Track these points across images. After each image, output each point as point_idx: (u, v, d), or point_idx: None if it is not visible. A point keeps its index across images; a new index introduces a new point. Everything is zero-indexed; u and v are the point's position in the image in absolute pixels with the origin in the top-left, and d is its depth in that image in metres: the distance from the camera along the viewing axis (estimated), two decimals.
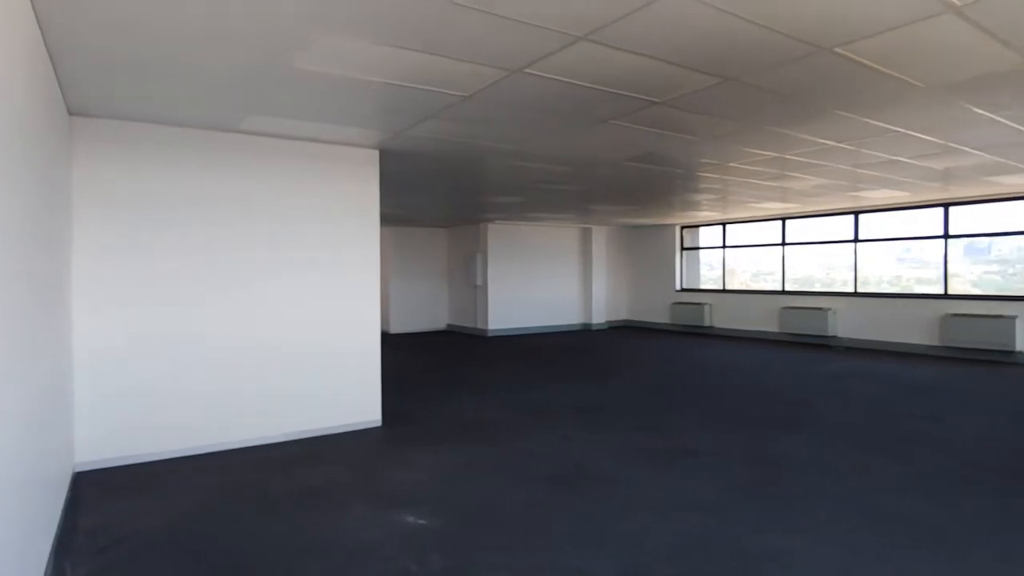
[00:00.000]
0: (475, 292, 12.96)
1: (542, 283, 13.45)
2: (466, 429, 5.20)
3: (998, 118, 4.37)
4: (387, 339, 11.87)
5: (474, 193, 8.45)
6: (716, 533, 3.11)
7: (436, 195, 8.53)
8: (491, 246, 12.69)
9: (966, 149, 5.45)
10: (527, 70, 3.36)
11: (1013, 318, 8.32)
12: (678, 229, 13.53)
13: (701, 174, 6.88)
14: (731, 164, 6.20)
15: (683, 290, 13.47)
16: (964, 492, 3.58)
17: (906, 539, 2.97)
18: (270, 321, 4.84)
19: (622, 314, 14.71)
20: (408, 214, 11.04)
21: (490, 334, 12.59)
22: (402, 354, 10.10)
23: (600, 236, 14.02)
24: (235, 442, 4.65)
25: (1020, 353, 8.30)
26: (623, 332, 13.39)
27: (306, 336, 5.01)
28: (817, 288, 11.25)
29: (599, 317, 14.01)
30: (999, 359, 8.45)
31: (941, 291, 9.37)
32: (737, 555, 2.87)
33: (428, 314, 13.77)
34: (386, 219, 11.56)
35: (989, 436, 4.79)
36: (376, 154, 5.35)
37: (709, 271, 13.37)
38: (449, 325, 14.00)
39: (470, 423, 5.39)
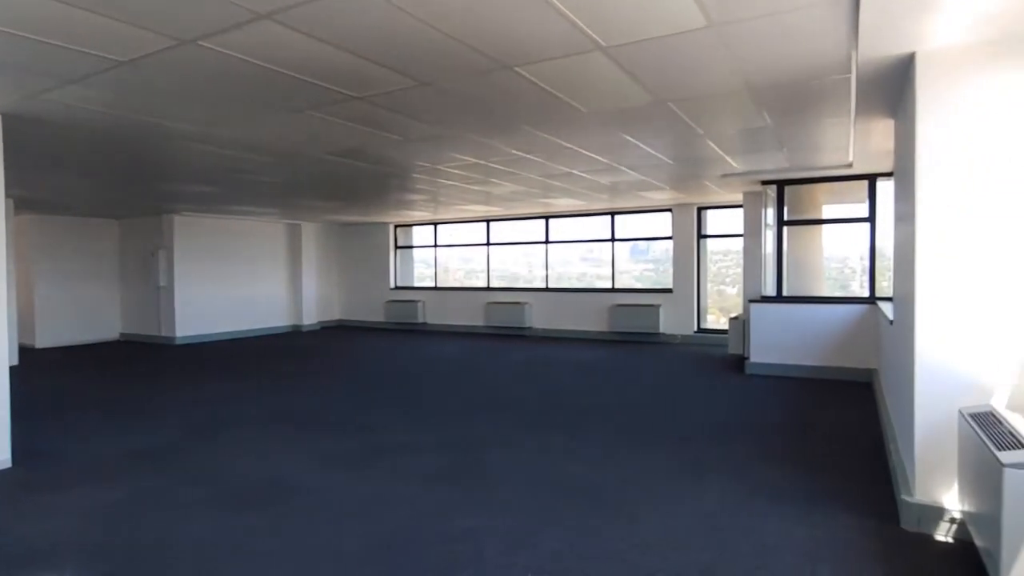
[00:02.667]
0: (158, 295, 11.06)
1: (243, 283, 12.16)
2: (135, 459, 4.31)
3: (640, 144, 5.28)
4: (31, 356, 9.39)
5: (152, 179, 7.12)
6: (412, 525, 3.14)
7: (97, 177, 6.95)
8: (178, 241, 10.97)
9: (622, 168, 6.50)
10: (202, 43, 2.86)
11: (658, 307, 10.34)
12: (392, 227, 13.59)
13: (413, 175, 6.93)
14: (440, 167, 6.36)
15: (397, 288, 13.59)
16: (633, 457, 4.22)
17: (588, 505, 3.34)
18: None
19: (335, 314, 14.20)
20: (58, 199, 8.83)
21: (179, 342, 10.90)
22: (52, 374, 8.06)
23: (310, 233, 13.29)
24: None
25: (663, 334, 10.35)
26: (336, 332, 12.94)
27: None
28: (521, 284, 12.43)
29: (310, 318, 13.29)
30: (649, 340, 10.43)
31: (610, 286, 11.19)
32: (431, 542, 2.92)
33: (93, 322, 11.30)
34: (26, 204, 9.11)
35: (648, 404, 5.80)
36: None
37: (426, 268, 13.74)
38: (123, 334, 11.72)
39: (141, 451, 4.48)
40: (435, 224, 13.11)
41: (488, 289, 12.41)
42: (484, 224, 12.45)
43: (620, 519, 3.20)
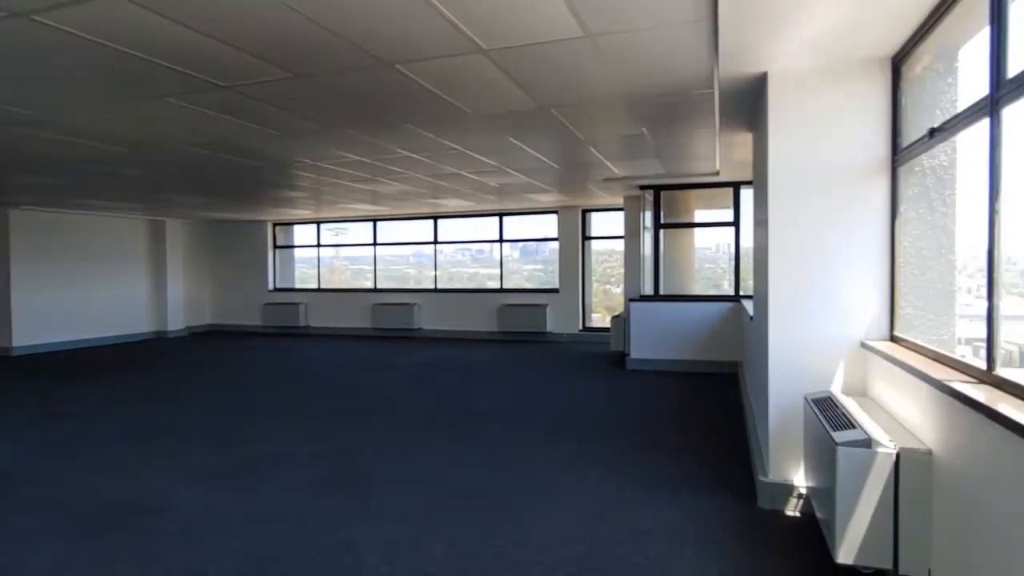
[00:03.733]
0: None
1: (98, 286, 10.97)
2: None
3: (526, 148, 5.38)
4: None
5: None
6: (287, 541, 2.97)
7: None
8: (16, 240, 9.69)
9: (510, 170, 6.60)
10: (36, 16, 2.52)
11: (545, 306, 10.60)
12: (270, 226, 12.86)
13: (292, 171, 6.58)
14: (322, 164, 6.10)
15: (276, 290, 12.89)
16: (518, 456, 4.27)
17: (472, 507, 3.34)
18: None
19: (206, 318, 13.21)
20: None
21: (17, 353, 9.63)
22: None
23: (177, 231, 12.26)
24: None
25: (550, 333, 10.63)
26: (207, 338, 12.05)
27: None
28: (412, 285, 12.22)
29: (176, 323, 12.26)
30: (537, 339, 10.67)
31: (499, 286, 11.31)
32: (308, 557, 2.78)
33: None
34: None
35: (534, 404, 5.91)
36: None
37: (309, 269, 13.13)
38: None
39: None
40: (318, 223, 12.57)
41: (375, 291, 12.10)
42: (371, 224, 12.13)
43: (503, 518, 3.23)
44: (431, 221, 11.66)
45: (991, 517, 1.79)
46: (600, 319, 11.06)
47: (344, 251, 12.98)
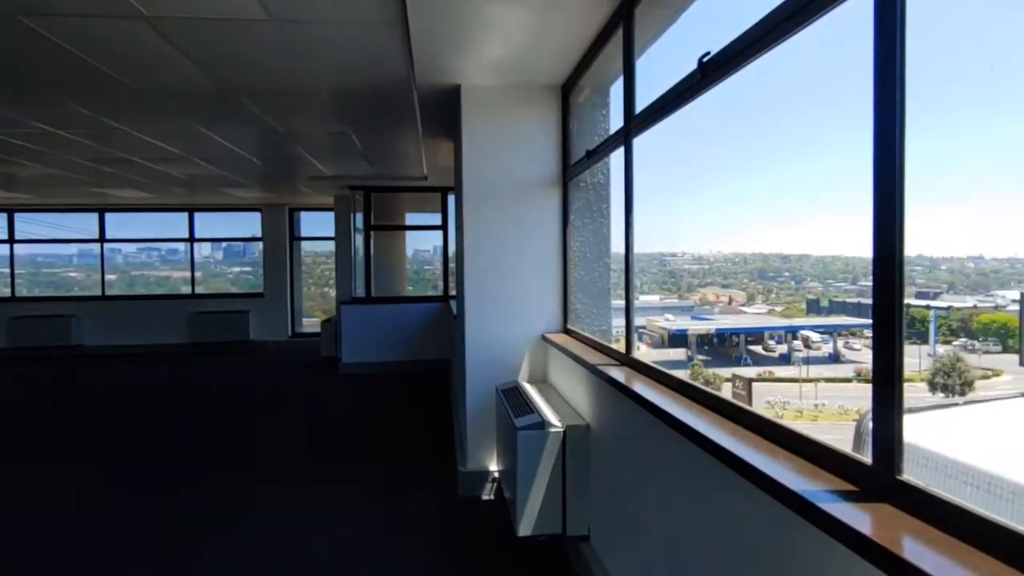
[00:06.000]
0: None
1: None
2: None
3: (214, 135, 4.80)
4: None
5: None
6: None
7: None
8: None
9: (198, 160, 5.82)
10: None
11: (248, 312, 9.67)
12: None
13: None
14: None
15: None
16: (220, 477, 3.75)
17: (165, 540, 2.81)
18: None
19: None
20: None
21: None
22: None
23: None
24: None
25: (254, 341, 9.73)
26: None
27: None
28: (76, 292, 9.92)
29: None
30: (239, 348, 9.66)
31: (191, 291, 9.94)
32: None
33: None
34: None
35: (232, 420, 5.28)
36: None
37: None
38: None
39: None
40: None
41: (14, 299, 9.55)
42: (4, 214, 9.54)
43: (204, 544, 2.81)
44: (96, 214, 9.64)
45: (625, 473, 2.16)
46: (317, 324, 10.55)
47: None
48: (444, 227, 8.02)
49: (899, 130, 1.04)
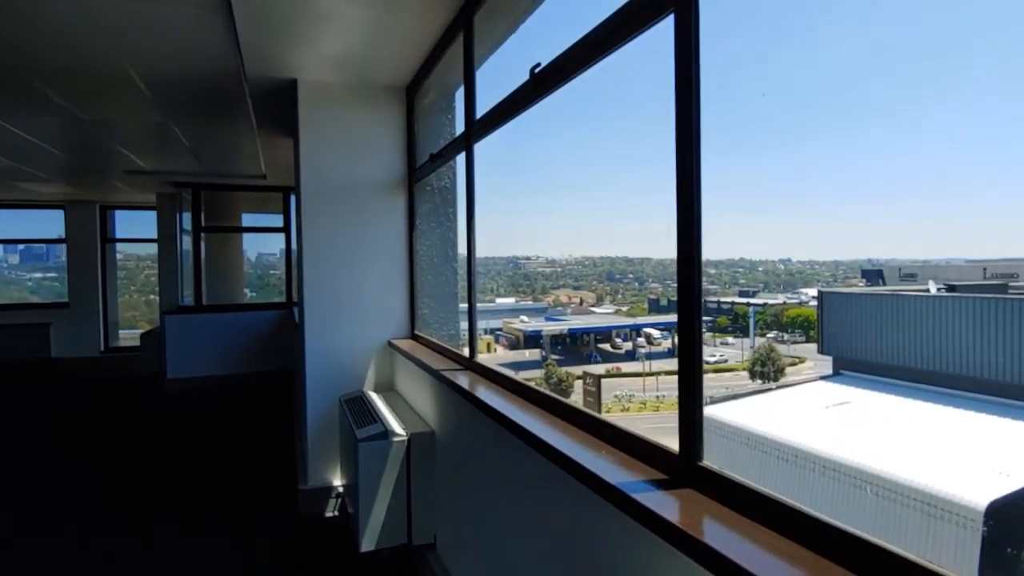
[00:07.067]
0: None
1: None
2: None
3: (5, 124, 4.10)
4: None
5: None
6: None
7: None
8: None
9: None
10: None
11: (48, 325, 8.36)
12: None
13: None
14: None
15: None
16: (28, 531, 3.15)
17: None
18: None
19: None
20: None
21: None
22: None
23: None
24: None
25: (57, 359, 8.44)
26: None
27: None
28: None
29: None
30: (37, 367, 8.30)
31: None
32: None
33: None
34: None
35: (37, 452, 4.50)
36: None
37: None
38: None
39: None
40: None
41: None
42: None
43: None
44: None
45: (469, 478, 2.16)
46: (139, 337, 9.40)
47: None
48: (287, 229, 7.55)
49: (695, 148, 1.14)
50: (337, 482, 3.34)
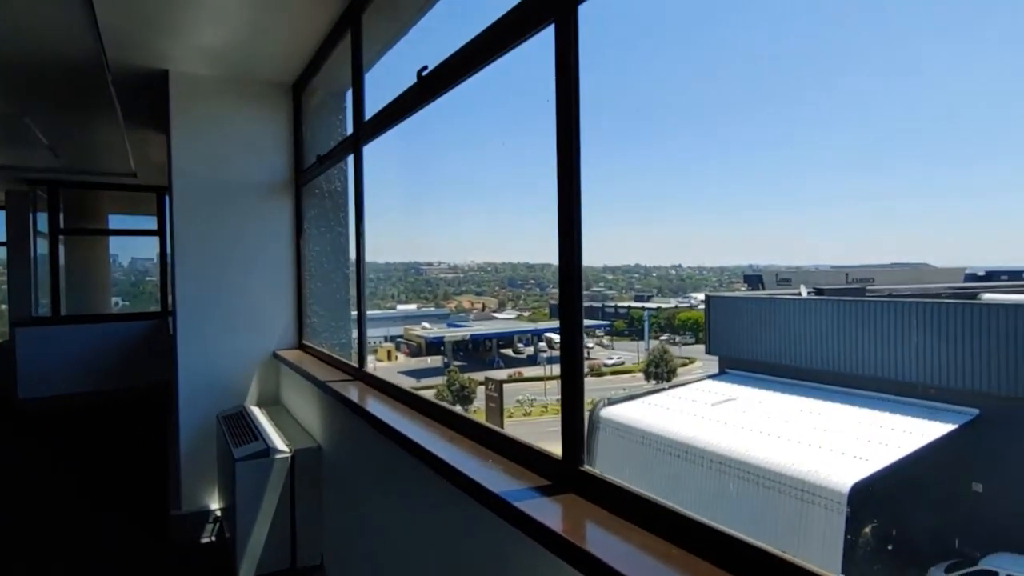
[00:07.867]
0: None
1: None
2: None
3: None
4: None
5: None
6: None
7: None
8: None
9: None
10: None
11: None
12: None
13: None
14: None
15: None
16: None
17: None
18: None
19: None
20: None
21: None
22: None
23: None
24: None
25: None
26: None
27: None
28: None
29: None
30: None
31: None
32: None
33: None
34: None
35: None
36: None
37: None
38: None
39: None
40: None
41: None
42: None
43: None
44: None
45: (358, 493, 2.07)
46: None
47: None
48: (161, 232, 6.96)
49: (575, 156, 1.16)
50: (215, 505, 3.10)
